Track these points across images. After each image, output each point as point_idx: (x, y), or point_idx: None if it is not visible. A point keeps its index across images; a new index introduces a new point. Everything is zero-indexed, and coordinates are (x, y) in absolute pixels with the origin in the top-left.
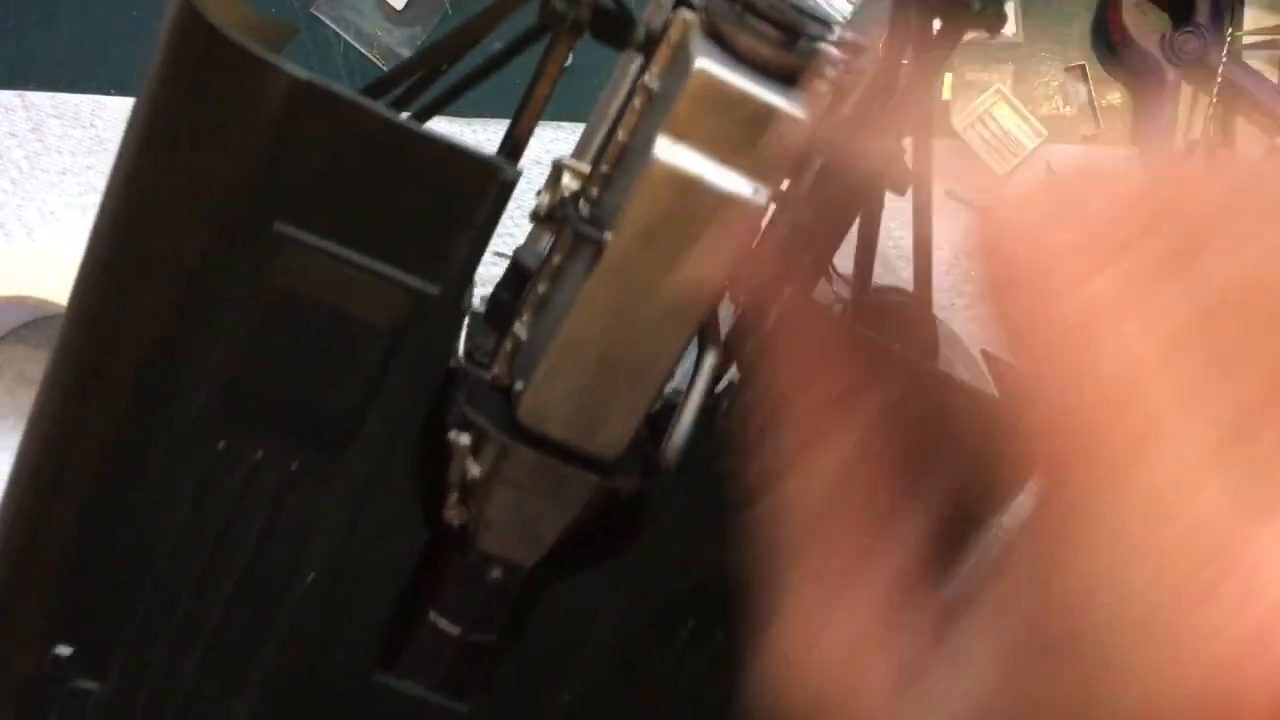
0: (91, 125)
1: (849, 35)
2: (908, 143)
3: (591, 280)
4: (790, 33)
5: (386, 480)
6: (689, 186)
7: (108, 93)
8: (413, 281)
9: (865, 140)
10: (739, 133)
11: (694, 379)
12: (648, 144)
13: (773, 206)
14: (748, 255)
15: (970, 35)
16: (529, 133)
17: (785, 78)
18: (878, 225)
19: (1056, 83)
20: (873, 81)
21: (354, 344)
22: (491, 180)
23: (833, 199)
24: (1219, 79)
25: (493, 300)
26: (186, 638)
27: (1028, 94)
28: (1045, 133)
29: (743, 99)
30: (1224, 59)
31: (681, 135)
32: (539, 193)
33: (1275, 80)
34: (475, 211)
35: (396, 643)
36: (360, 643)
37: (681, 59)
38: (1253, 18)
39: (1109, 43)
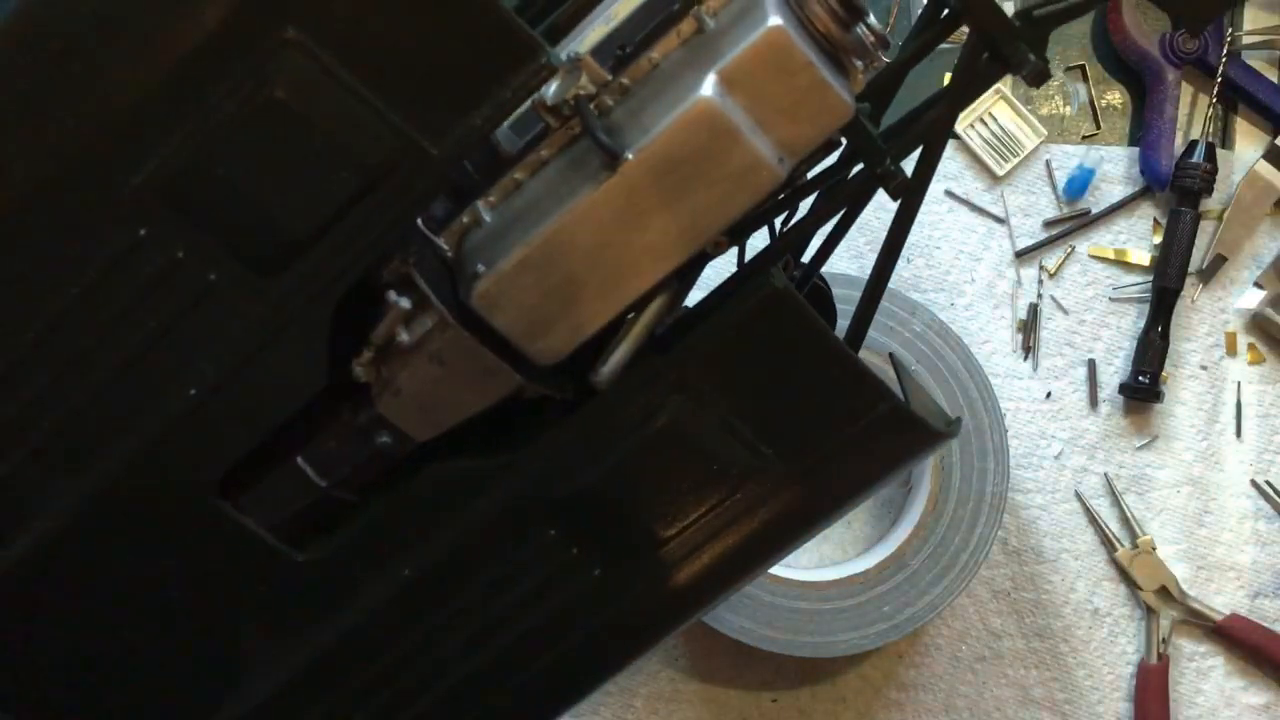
0: None
1: (876, 26)
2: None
3: (598, 192)
4: (856, 15)
5: (302, 318)
6: (725, 136)
7: None
8: (416, 135)
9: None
10: (787, 101)
11: (640, 313)
12: (693, 79)
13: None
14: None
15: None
16: (574, 21)
17: (835, 59)
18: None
19: (1056, 83)
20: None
21: (329, 173)
22: (530, 60)
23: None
24: (1219, 79)
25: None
26: (28, 418)
27: (1027, 94)
28: (1045, 132)
29: (805, 70)
30: (1224, 59)
31: (732, 84)
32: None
33: (1275, 80)
34: (502, 86)
35: (251, 478)
36: (215, 470)
37: (754, 10)
38: (1253, 18)
39: (1109, 43)
